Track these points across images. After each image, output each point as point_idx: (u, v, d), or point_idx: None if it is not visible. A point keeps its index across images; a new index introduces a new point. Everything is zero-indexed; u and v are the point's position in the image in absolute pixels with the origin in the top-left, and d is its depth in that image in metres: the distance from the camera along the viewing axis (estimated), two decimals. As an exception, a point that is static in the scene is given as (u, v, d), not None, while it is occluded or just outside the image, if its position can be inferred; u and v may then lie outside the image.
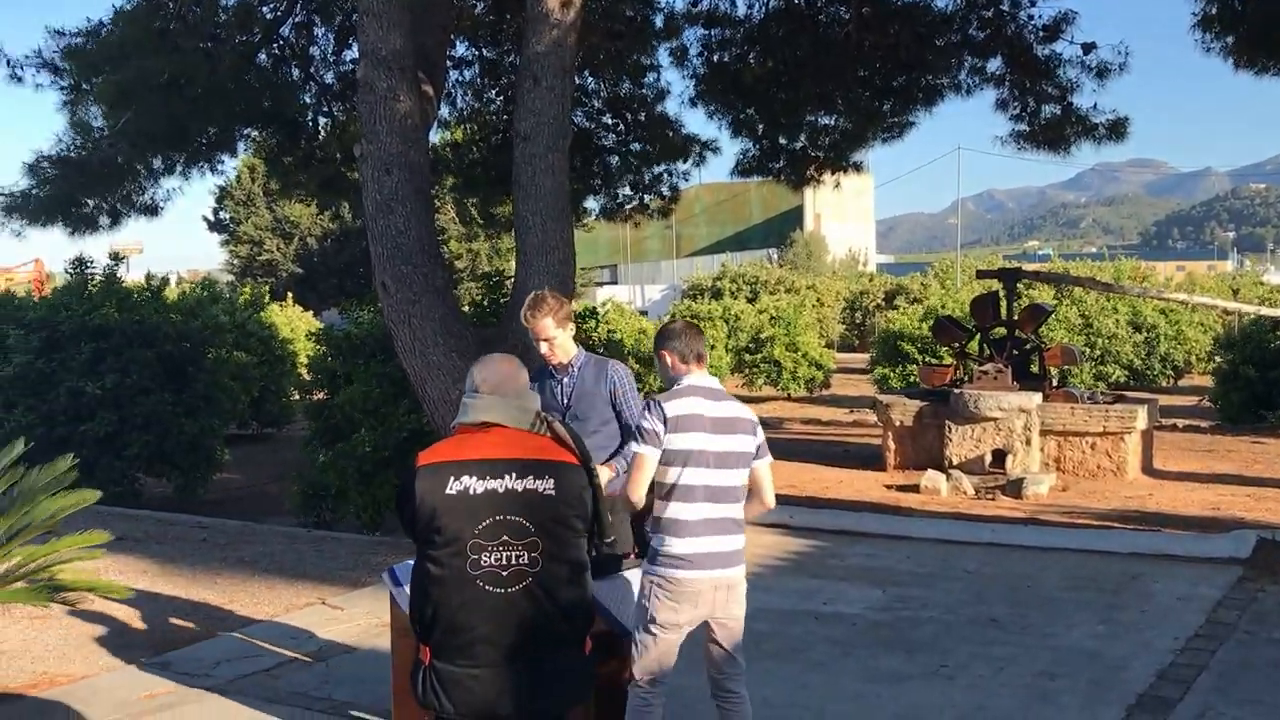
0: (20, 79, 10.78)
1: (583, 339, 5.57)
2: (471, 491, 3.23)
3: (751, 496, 4.36)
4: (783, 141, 13.39)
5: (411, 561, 3.59)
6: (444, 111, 12.21)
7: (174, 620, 7.50)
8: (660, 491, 4.20)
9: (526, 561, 3.23)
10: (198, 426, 13.09)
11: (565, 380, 5.37)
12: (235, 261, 43.60)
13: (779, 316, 23.18)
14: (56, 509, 5.74)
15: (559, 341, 5.27)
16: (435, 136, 11.88)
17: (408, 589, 3.58)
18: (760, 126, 13.05)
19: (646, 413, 4.21)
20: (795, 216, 59.55)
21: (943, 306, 19.68)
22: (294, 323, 22.09)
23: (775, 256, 52.97)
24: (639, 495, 4.15)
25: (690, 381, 4.31)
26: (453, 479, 3.25)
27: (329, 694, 5.90)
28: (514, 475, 3.25)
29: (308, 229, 42.00)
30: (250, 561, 9.10)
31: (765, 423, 4.81)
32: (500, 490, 3.24)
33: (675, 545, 4.16)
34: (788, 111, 12.67)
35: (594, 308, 14.01)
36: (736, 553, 4.27)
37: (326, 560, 9.08)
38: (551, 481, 3.28)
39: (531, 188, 8.09)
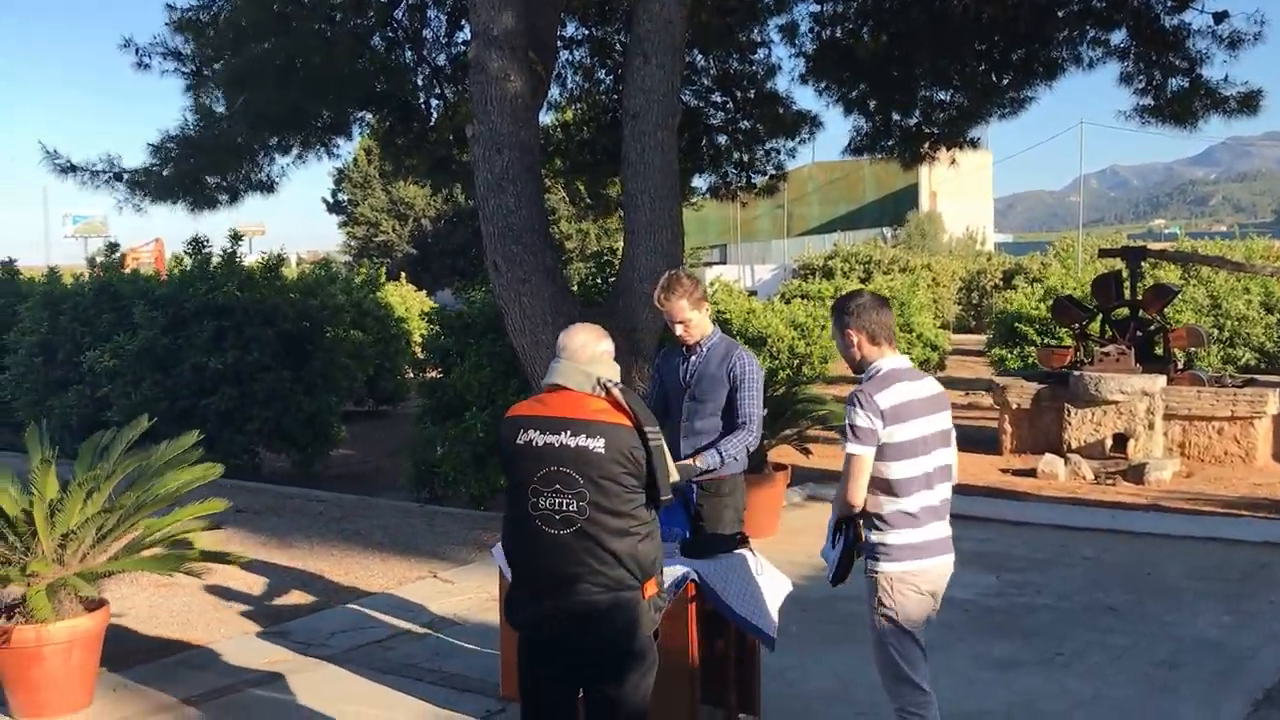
0: (147, 66, 11.10)
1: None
2: (534, 444, 3.67)
3: None
4: (896, 118, 13.12)
5: None
6: (554, 92, 12.25)
7: (291, 590, 7.71)
8: (880, 486, 4.02)
9: (575, 509, 3.59)
10: (315, 403, 13.39)
11: (693, 359, 5.24)
12: (352, 242, 44.43)
13: (892, 297, 22.81)
14: (182, 482, 5.91)
15: (694, 323, 5.15)
16: (545, 117, 11.92)
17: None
18: (873, 103, 12.80)
19: (858, 409, 3.95)
20: (910, 195, 58.51)
21: (1063, 286, 19.15)
22: (408, 302, 22.42)
23: (889, 235, 52.16)
24: (859, 499, 4.05)
25: (891, 365, 4.07)
26: (522, 431, 3.71)
27: (439, 665, 6.00)
28: (569, 433, 3.64)
29: (422, 210, 42.60)
30: (365, 535, 9.30)
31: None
32: (556, 445, 3.63)
33: (910, 536, 4.03)
34: (902, 87, 12.41)
35: (701, 288, 13.92)
36: (950, 536, 4.19)
37: (438, 535, 9.23)
38: (602, 440, 3.61)
39: (640, 166, 8.07)
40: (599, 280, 11.33)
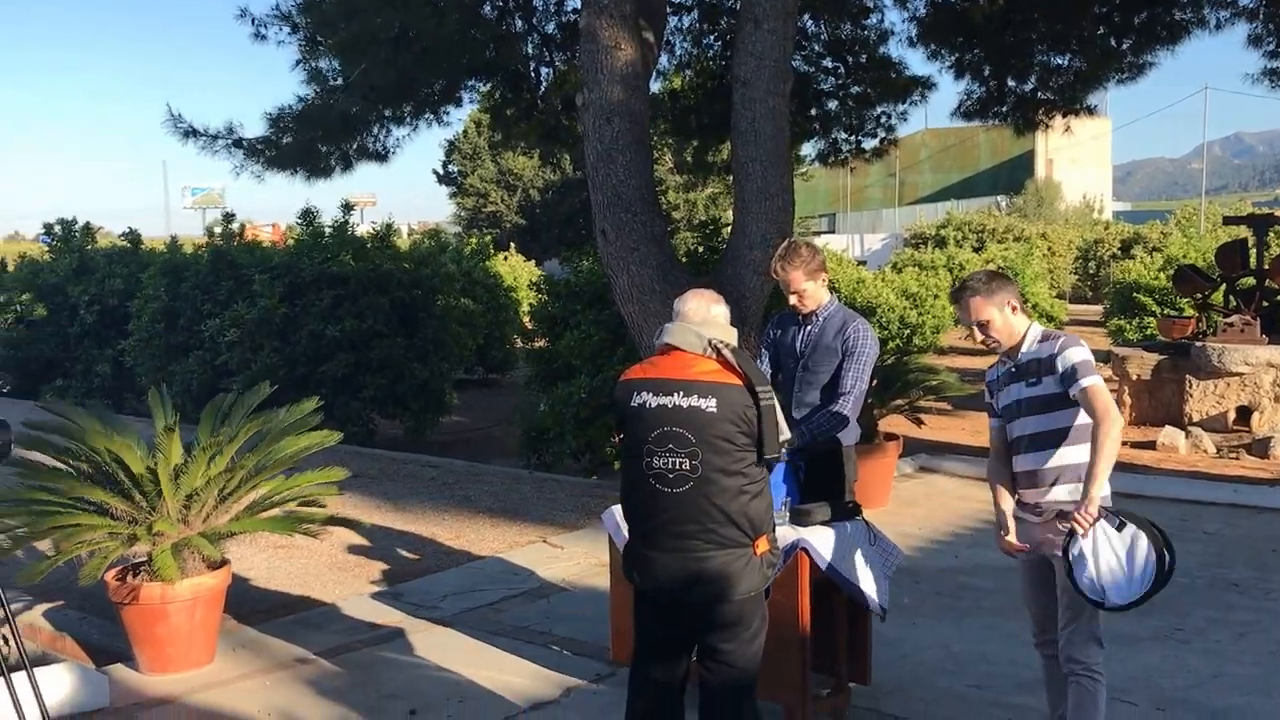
0: (264, 36, 11.29)
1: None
2: (647, 405, 3.74)
3: None
4: (1010, 84, 12.77)
5: None
6: (662, 59, 12.18)
7: (405, 554, 7.87)
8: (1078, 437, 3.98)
9: (689, 468, 3.66)
10: (428, 371, 13.61)
11: (808, 329, 5.14)
12: (462, 213, 44.99)
13: (1007, 266, 22.34)
14: (302, 447, 6.06)
15: (810, 293, 5.06)
16: (654, 84, 11.86)
17: (626, 531, 3.97)
18: (986, 68, 12.49)
19: (1084, 346, 4.01)
20: (1025, 162, 57.20)
21: (1184, 256, 18.58)
22: (517, 272, 22.64)
23: (1004, 204, 51.02)
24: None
25: (1043, 328, 4.14)
26: (635, 394, 3.79)
27: (549, 629, 6.07)
28: (681, 393, 3.70)
29: (530, 181, 42.92)
30: (475, 500, 9.44)
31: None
32: (669, 406, 3.71)
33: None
34: (1017, 52, 12.08)
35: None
36: None
37: (547, 501, 9.33)
38: (714, 400, 3.67)
39: (750, 133, 8.00)
40: (706, 249, 11.29)
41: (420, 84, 11.19)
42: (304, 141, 11.32)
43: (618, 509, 4.63)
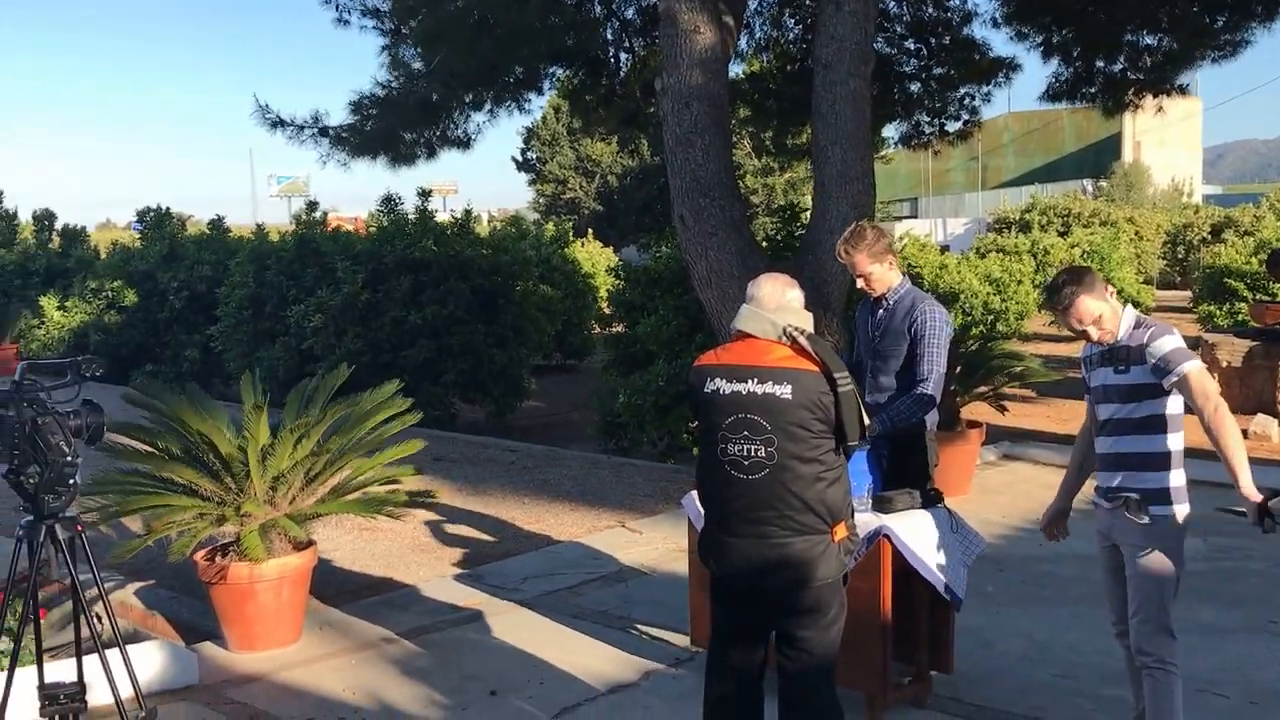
0: (347, 22, 11.46)
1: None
2: (721, 392, 3.72)
3: None
4: (1099, 64, 12.50)
5: None
6: (741, 42, 12.10)
7: (484, 536, 7.95)
8: (1172, 423, 3.95)
9: (764, 455, 3.64)
10: (507, 356, 13.72)
11: (880, 313, 5.10)
12: (541, 200, 45.19)
13: (1092, 251, 21.90)
14: (384, 429, 6.14)
15: (876, 276, 5.01)
16: (733, 68, 11.80)
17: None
18: (1075, 49, 12.23)
19: (1177, 333, 3.95)
20: (1112, 145, 55.92)
21: (1278, 240, 18.07)
22: (595, 258, 22.70)
23: (1089, 187, 49.96)
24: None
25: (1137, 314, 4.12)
26: (709, 380, 3.77)
27: (628, 613, 6.10)
28: (755, 380, 3.68)
29: (608, 167, 42.97)
30: (554, 485, 9.50)
31: (1076, 363, 4.57)
32: (744, 392, 3.68)
33: (1184, 477, 3.96)
34: (1106, 31, 11.81)
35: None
36: None
37: (625, 486, 9.36)
38: (789, 387, 3.63)
39: (831, 116, 7.93)
40: (785, 234, 11.22)
41: (500, 70, 11.25)
42: (386, 128, 11.45)
43: (697, 494, 4.64)
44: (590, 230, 30.56)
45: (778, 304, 3.83)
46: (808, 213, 10.00)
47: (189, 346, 17.16)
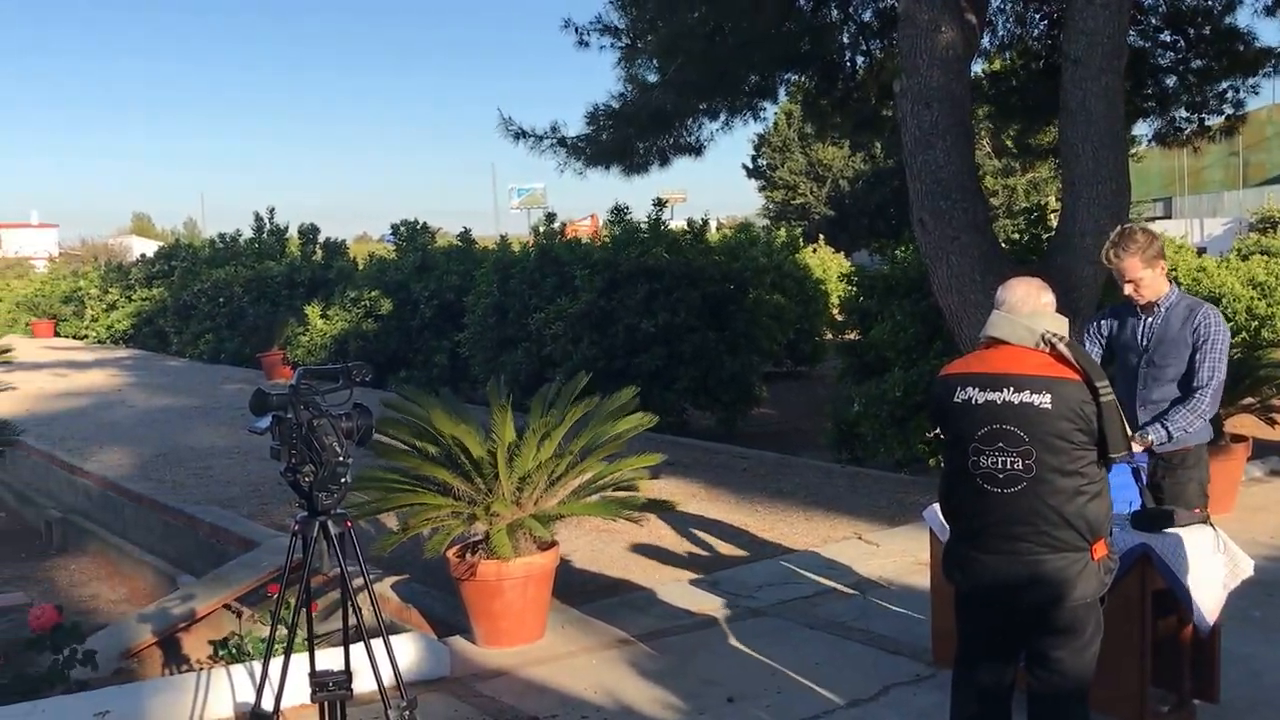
0: (586, 44, 11.75)
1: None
2: (973, 401, 3.58)
3: None
4: (1382, 50, 11.53)
5: None
6: (984, 40, 11.76)
7: (719, 542, 7.98)
8: None
9: (1021, 468, 3.48)
10: (738, 363, 13.75)
11: (1149, 321, 4.87)
12: (771, 206, 45.12)
13: (1369, 252, 20.18)
14: (621, 431, 6.26)
15: (1147, 281, 4.77)
16: (974, 67, 11.48)
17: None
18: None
19: None
20: (1391, 136, 51.58)
21: None
22: (825, 264, 22.47)
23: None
24: None
25: None
26: (959, 389, 3.63)
27: (866, 625, 6.00)
28: (1011, 389, 3.52)
29: (840, 172, 42.51)
30: (788, 493, 9.45)
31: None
32: (998, 402, 3.53)
33: None
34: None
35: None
36: None
37: (860, 496, 9.23)
38: (1048, 396, 3.47)
39: (1081, 114, 7.59)
40: (1030, 236, 10.82)
41: (735, 79, 11.28)
42: (620, 138, 11.67)
43: (939, 507, 4.52)
44: (821, 236, 30.29)
45: (1032, 308, 3.68)
46: (1055, 214, 9.62)
47: (438, 352, 18.00)
